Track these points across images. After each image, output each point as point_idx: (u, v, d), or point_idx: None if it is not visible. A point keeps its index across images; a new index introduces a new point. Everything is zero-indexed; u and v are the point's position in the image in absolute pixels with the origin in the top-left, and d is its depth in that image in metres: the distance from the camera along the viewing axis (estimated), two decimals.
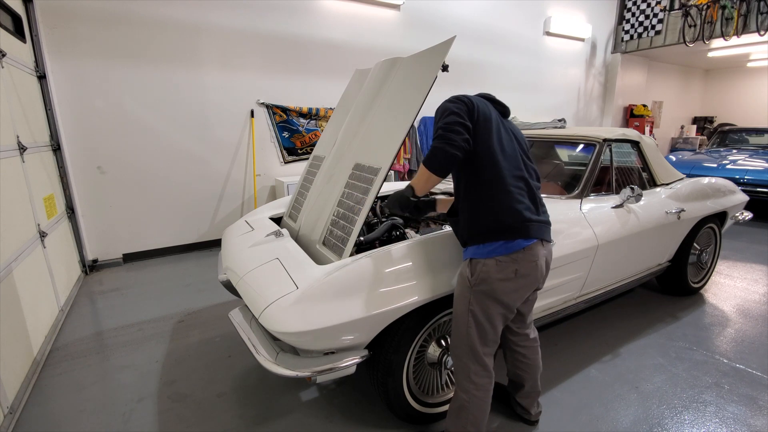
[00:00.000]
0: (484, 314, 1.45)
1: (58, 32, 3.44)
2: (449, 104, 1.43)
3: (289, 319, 1.44)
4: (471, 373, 1.50)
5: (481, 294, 1.44)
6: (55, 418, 1.92)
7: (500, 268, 1.41)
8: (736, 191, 3.29)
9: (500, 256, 1.41)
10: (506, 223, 1.41)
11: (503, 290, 1.42)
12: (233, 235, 2.33)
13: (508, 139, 1.50)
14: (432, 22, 5.56)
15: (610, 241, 2.23)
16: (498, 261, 1.41)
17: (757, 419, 1.88)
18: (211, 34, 4.10)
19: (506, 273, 1.41)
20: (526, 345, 1.73)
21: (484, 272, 1.42)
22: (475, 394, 1.50)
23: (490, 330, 1.48)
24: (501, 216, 1.42)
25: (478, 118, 1.42)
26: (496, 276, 1.41)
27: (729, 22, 6.37)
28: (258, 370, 2.24)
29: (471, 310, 1.46)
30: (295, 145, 4.87)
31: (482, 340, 1.48)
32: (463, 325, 1.48)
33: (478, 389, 1.50)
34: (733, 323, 2.76)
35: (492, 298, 1.44)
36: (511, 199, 1.43)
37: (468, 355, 1.49)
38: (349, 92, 2.68)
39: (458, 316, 1.51)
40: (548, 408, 1.93)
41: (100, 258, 3.95)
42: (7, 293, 2.06)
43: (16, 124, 2.62)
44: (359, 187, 1.87)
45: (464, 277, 1.48)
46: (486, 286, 1.42)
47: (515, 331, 1.71)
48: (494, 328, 1.48)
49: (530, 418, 1.82)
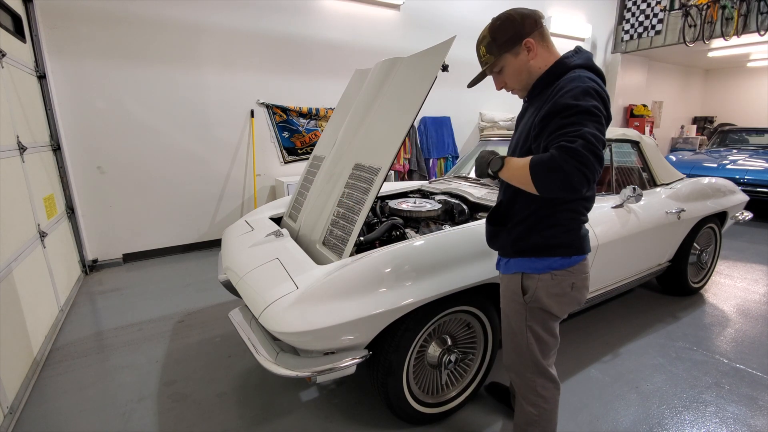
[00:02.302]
0: (544, 328, 1.36)
1: (58, 32, 3.44)
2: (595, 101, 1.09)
3: (289, 319, 1.44)
4: (537, 386, 1.41)
5: (538, 310, 1.34)
6: (55, 418, 1.92)
7: (556, 282, 1.30)
8: (736, 191, 3.29)
9: (557, 271, 1.30)
10: (569, 239, 1.29)
11: (560, 304, 1.33)
12: (233, 235, 2.33)
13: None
14: (432, 22, 5.56)
15: (610, 241, 2.23)
16: (554, 275, 1.30)
17: (757, 419, 1.87)
18: (211, 34, 4.10)
19: (563, 287, 1.31)
20: None
21: (540, 288, 1.31)
22: (544, 407, 1.42)
23: (551, 341, 1.39)
24: (568, 231, 1.29)
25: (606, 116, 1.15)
26: (554, 291, 1.31)
27: (729, 22, 6.36)
28: (258, 370, 2.24)
29: (529, 327, 1.36)
30: (295, 145, 4.87)
31: (544, 353, 1.39)
32: (523, 342, 1.39)
33: (547, 402, 1.42)
34: (733, 323, 2.76)
35: (548, 313, 1.34)
36: (580, 213, 1.30)
37: (532, 370, 1.40)
38: (349, 92, 2.68)
39: (515, 334, 1.41)
40: None
41: (100, 258, 3.95)
42: (7, 293, 2.06)
43: (16, 124, 2.62)
44: (359, 187, 1.87)
45: (516, 294, 1.36)
46: (543, 302, 1.32)
47: None
48: (555, 337, 1.40)
49: None
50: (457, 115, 6.13)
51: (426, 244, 1.71)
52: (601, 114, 1.09)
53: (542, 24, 1.26)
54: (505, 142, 3.14)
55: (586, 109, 1.07)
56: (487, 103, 6.39)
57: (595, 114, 1.07)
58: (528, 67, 1.26)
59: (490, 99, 6.36)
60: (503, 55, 1.26)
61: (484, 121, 6.31)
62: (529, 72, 1.26)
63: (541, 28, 1.25)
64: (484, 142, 3.20)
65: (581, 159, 1.00)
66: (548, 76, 1.23)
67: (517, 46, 1.23)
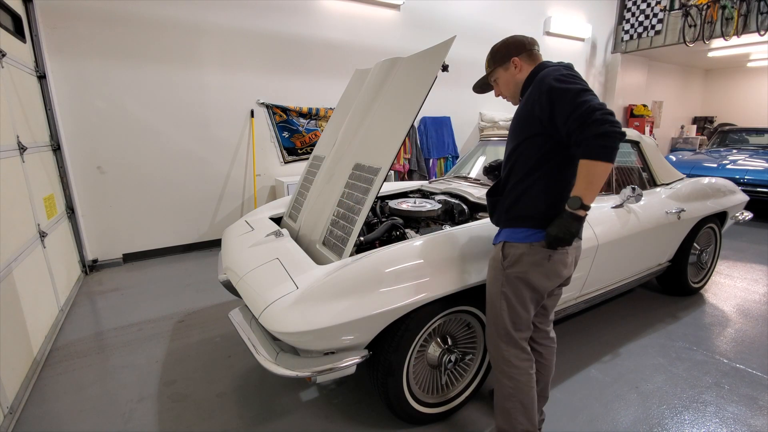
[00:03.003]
0: (517, 297, 1.46)
1: (58, 32, 3.44)
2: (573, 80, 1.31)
3: (289, 319, 1.44)
4: (511, 357, 1.49)
5: (514, 278, 1.44)
6: (55, 418, 1.92)
7: (533, 251, 1.41)
8: (736, 191, 3.29)
9: (535, 242, 1.41)
10: (550, 214, 1.39)
11: (534, 274, 1.42)
12: (233, 235, 2.33)
13: None
14: (432, 22, 5.56)
15: (610, 241, 2.23)
16: (532, 245, 1.41)
17: (757, 419, 1.87)
18: (211, 34, 4.10)
19: (539, 257, 1.41)
20: (546, 344, 1.70)
21: (517, 255, 1.43)
22: (519, 378, 1.48)
23: (523, 313, 1.47)
24: (549, 206, 1.40)
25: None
26: (529, 259, 1.41)
27: (729, 22, 6.36)
28: (258, 370, 2.24)
29: (503, 292, 1.47)
30: (295, 145, 4.87)
31: (515, 324, 1.48)
32: (497, 308, 1.49)
33: (521, 373, 1.49)
34: (733, 323, 2.76)
35: (524, 282, 1.44)
36: (562, 193, 1.41)
37: (504, 339, 1.49)
38: (349, 92, 2.68)
39: (491, 300, 1.52)
40: (548, 408, 1.93)
41: (100, 258, 3.95)
42: (7, 293, 2.06)
43: (16, 124, 2.62)
44: (359, 187, 1.87)
45: (497, 260, 1.49)
46: (518, 268, 1.43)
47: (537, 327, 1.68)
48: (527, 311, 1.48)
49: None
50: (457, 115, 6.13)
51: (426, 244, 1.71)
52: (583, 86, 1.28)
53: (533, 49, 1.52)
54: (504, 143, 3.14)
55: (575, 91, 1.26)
56: (487, 103, 6.39)
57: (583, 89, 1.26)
58: (515, 79, 1.53)
59: (490, 99, 6.36)
60: (496, 68, 1.56)
61: (484, 121, 6.32)
62: (516, 83, 1.53)
63: (530, 51, 1.51)
64: (484, 142, 3.20)
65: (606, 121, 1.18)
66: (529, 79, 1.48)
67: (507, 62, 1.52)
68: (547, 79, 1.33)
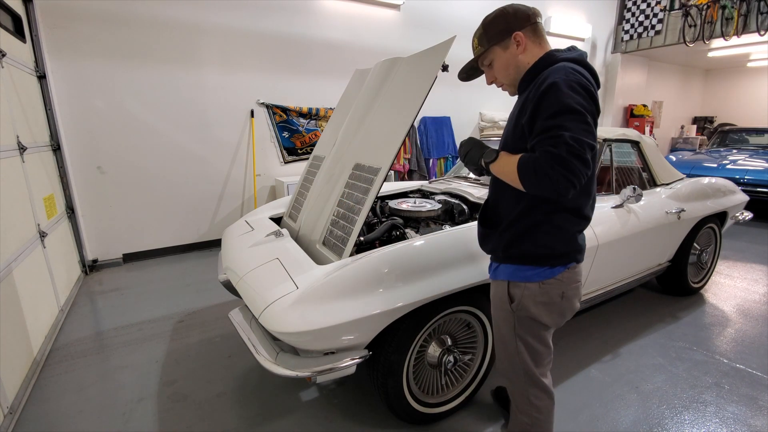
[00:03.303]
0: (534, 337, 1.31)
1: (58, 32, 3.44)
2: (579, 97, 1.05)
3: (289, 319, 1.44)
4: (530, 396, 1.37)
5: (527, 319, 1.29)
6: (55, 418, 1.92)
7: (544, 291, 1.24)
8: (736, 191, 3.29)
9: (546, 280, 1.24)
10: (563, 251, 1.23)
11: (549, 314, 1.27)
12: (233, 235, 2.33)
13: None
14: (432, 22, 5.56)
15: (610, 241, 2.23)
16: (542, 285, 1.24)
17: (757, 419, 1.87)
18: (211, 34, 4.10)
19: (552, 297, 1.25)
20: None
21: (526, 296, 1.26)
22: (537, 417, 1.37)
23: (543, 350, 1.33)
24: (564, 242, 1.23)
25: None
26: (541, 300, 1.25)
27: (729, 22, 6.36)
28: (258, 370, 2.24)
29: (519, 335, 1.31)
30: (295, 145, 4.87)
31: (536, 362, 1.34)
32: (512, 350, 1.34)
33: (540, 412, 1.37)
34: (733, 323, 2.76)
35: (538, 323, 1.29)
36: (579, 225, 1.25)
37: (523, 379, 1.36)
38: (349, 92, 2.68)
39: (505, 342, 1.37)
40: None
41: (100, 258, 3.95)
42: (7, 293, 2.06)
43: (16, 124, 2.62)
44: (359, 187, 1.87)
45: (503, 302, 1.31)
46: (529, 312, 1.27)
47: None
48: (547, 347, 1.34)
49: None
50: (457, 115, 6.12)
51: (426, 244, 1.71)
52: (586, 111, 1.04)
53: (537, 21, 1.23)
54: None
55: (570, 108, 1.03)
56: (487, 103, 6.39)
57: (579, 112, 1.03)
58: (516, 61, 1.23)
59: (490, 99, 6.36)
60: (492, 47, 1.24)
61: (484, 121, 6.32)
62: (517, 66, 1.23)
63: (534, 25, 1.22)
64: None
65: (567, 166, 1.00)
66: (534, 68, 1.19)
67: (507, 39, 1.21)
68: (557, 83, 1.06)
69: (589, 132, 1.04)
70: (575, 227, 1.25)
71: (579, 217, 1.24)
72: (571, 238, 1.24)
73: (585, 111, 1.04)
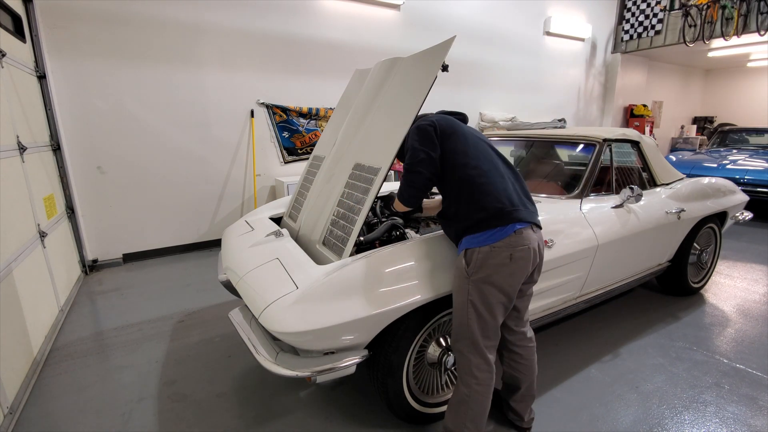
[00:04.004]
0: (484, 304, 1.46)
1: (58, 32, 3.44)
2: (413, 141, 1.58)
3: (289, 319, 1.44)
4: (473, 366, 1.50)
5: (479, 282, 1.45)
6: (55, 418, 1.92)
7: (495, 253, 1.44)
8: (736, 191, 3.29)
9: (495, 243, 1.44)
10: (495, 209, 1.46)
11: (500, 275, 1.44)
12: (233, 235, 2.33)
13: (474, 141, 1.63)
14: (432, 22, 5.56)
15: (610, 241, 2.23)
16: (492, 247, 1.44)
17: (757, 419, 1.87)
18: (211, 34, 4.10)
19: (501, 258, 1.44)
20: (523, 344, 1.72)
21: (480, 259, 1.44)
22: (476, 388, 1.50)
23: (490, 320, 1.49)
24: (488, 204, 1.48)
25: (443, 135, 1.58)
26: (492, 261, 1.44)
27: (729, 22, 6.37)
28: (258, 370, 2.24)
29: (470, 301, 1.47)
30: (295, 145, 4.87)
31: (483, 331, 1.49)
32: (464, 317, 1.49)
33: (480, 384, 1.50)
34: (733, 323, 2.76)
35: (490, 285, 1.45)
36: (494, 189, 1.50)
37: (469, 347, 1.50)
38: (349, 92, 2.68)
39: (458, 309, 1.52)
40: (548, 408, 1.93)
41: (100, 258, 3.95)
42: (7, 293, 2.06)
43: (16, 124, 2.62)
44: (359, 187, 1.87)
45: (460, 269, 1.50)
46: (482, 273, 1.44)
47: (513, 330, 1.70)
48: (494, 318, 1.49)
49: (522, 425, 1.79)
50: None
51: (426, 244, 1.71)
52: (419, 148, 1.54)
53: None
54: (505, 142, 3.14)
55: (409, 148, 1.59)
56: (487, 104, 6.39)
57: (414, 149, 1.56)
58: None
59: (490, 99, 6.37)
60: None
61: (484, 121, 6.31)
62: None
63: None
64: None
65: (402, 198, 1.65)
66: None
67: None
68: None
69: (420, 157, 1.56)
70: (494, 191, 1.51)
71: (485, 192, 1.51)
72: (498, 198, 1.49)
73: (414, 147, 1.58)
